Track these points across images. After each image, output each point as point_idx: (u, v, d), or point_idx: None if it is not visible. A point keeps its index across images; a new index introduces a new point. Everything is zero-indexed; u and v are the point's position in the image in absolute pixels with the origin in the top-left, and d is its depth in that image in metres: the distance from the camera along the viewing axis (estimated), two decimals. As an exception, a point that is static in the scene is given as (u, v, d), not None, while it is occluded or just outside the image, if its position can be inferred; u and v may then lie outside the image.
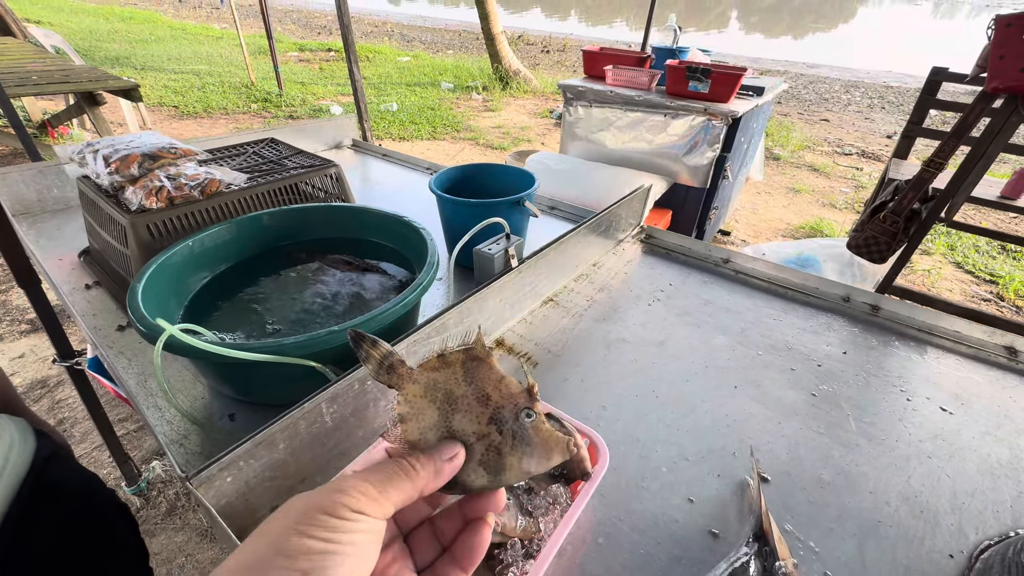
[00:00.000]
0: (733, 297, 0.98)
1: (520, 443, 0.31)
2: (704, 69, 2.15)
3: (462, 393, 0.32)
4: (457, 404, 0.32)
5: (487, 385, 0.32)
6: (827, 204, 4.04)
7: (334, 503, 0.24)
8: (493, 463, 0.31)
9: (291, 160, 1.08)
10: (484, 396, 0.32)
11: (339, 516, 0.24)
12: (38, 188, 1.19)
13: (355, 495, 0.25)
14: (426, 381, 0.32)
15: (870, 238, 1.60)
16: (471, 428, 0.31)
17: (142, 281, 0.66)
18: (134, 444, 1.72)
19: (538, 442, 0.31)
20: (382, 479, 0.27)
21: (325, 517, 0.24)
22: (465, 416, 0.32)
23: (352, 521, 0.24)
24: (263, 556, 0.23)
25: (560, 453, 0.31)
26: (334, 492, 0.25)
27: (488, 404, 0.32)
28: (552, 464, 0.31)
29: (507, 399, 0.32)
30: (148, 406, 0.68)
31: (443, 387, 0.32)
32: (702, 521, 0.57)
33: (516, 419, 0.31)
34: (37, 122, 4.00)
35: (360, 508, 0.25)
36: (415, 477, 0.28)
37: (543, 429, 0.32)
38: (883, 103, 7.65)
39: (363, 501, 0.25)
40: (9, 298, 2.35)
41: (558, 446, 0.32)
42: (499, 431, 0.31)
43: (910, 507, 0.59)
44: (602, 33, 13.80)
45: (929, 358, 0.83)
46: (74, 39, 7.77)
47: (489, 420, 0.31)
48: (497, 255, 0.84)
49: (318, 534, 0.23)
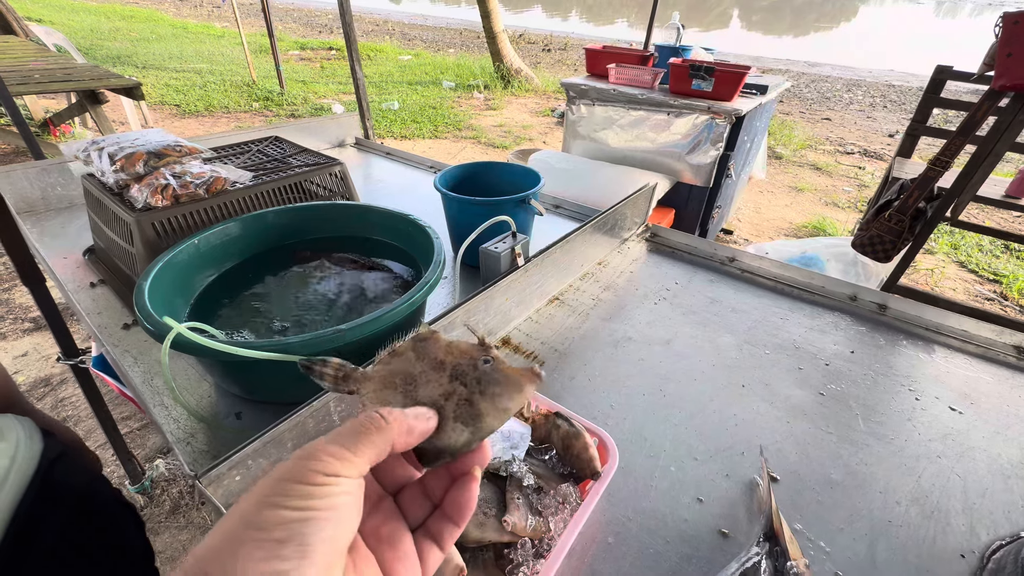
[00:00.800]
0: (739, 296, 0.98)
1: (487, 385, 0.31)
2: (708, 67, 2.15)
3: (419, 371, 0.33)
4: (416, 380, 0.32)
5: (438, 353, 0.33)
6: (830, 203, 4.03)
7: (304, 470, 0.23)
8: (467, 414, 0.30)
9: (295, 158, 1.08)
10: (438, 363, 0.33)
11: (311, 483, 0.23)
12: (42, 186, 1.18)
13: (325, 458, 0.24)
14: (382, 374, 0.33)
15: (875, 237, 1.59)
16: (436, 393, 0.32)
17: (148, 279, 0.66)
18: (137, 443, 1.72)
19: (503, 380, 0.31)
20: (351, 436, 0.26)
21: (296, 486, 0.23)
22: (427, 386, 0.32)
23: (327, 485, 0.23)
24: (234, 532, 0.22)
25: (529, 380, 0.31)
26: (302, 459, 0.24)
27: (444, 367, 0.32)
28: (526, 396, 0.31)
29: (461, 356, 0.33)
30: (154, 404, 0.68)
31: (399, 372, 0.33)
32: (712, 520, 0.57)
33: (475, 368, 0.32)
34: (39, 120, 4.00)
35: (334, 471, 0.24)
36: (385, 428, 0.27)
37: (504, 367, 0.32)
38: (885, 102, 7.63)
39: (334, 463, 0.24)
40: (12, 296, 2.35)
41: (524, 376, 0.32)
42: (463, 384, 0.31)
43: (920, 507, 0.59)
44: (603, 32, 13.77)
45: (937, 357, 0.83)
46: (76, 37, 7.77)
47: (450, 379, 0.32)
48: (504, 253, 0.84)
49: (291, 503, 0.22)
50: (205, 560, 0.21)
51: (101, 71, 3.24)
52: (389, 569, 0.27)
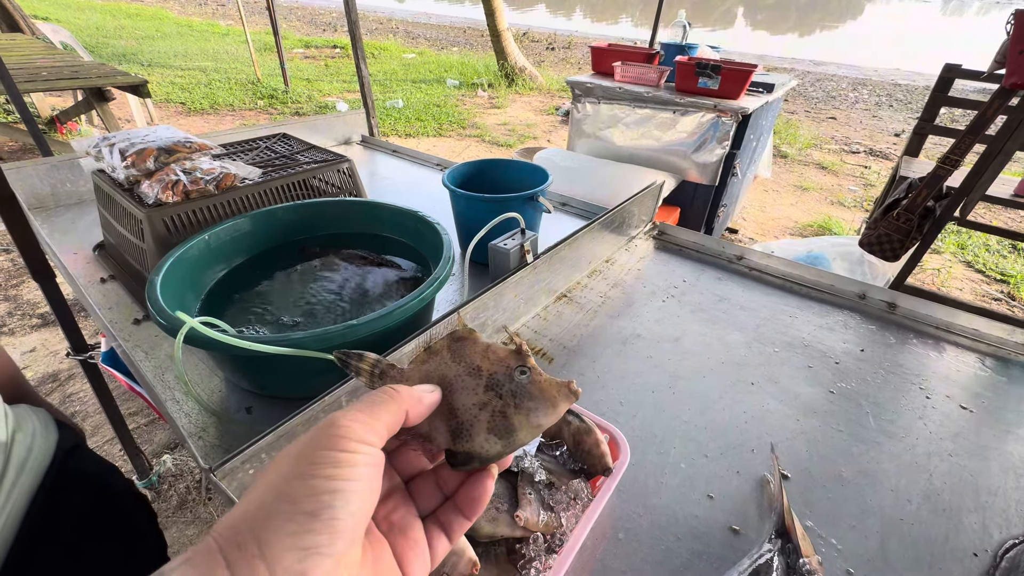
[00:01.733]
0: (748, 294, 0.97)
1: (523, 399, 0.31)
2: (714, 65, 2.14)
3: (454, 373, 0.33)
4: (452, 384, 0.32)
5: (475, 358, 0.33)
6: (835, 202, 4.02)
7: (332, 436, 0.24)
8: (502, 427, 0.31)
9: (303, 155, 1.08)
10: (475, 368, 0.32)
11: (341, 449, 0.23)
12: (52, 182, 1.19)
13: (349, 423, 0.24)
14: (418, 375, 0.33)
15: (883, 236, 1.58)
16: (471, 401, 0.32)
17: (160, 274, 0.66)
18: (145, 438, 1.73)
19: (539, 394, 0.31)
20: (368, 404, 0.26)
21: (326, 452, 0.23)
22: (462, 392, 0.32)
23: (354, 453, 0.23)
24: (266, 502, 0.22)
25: (565, 398, 0.32)
26: (327, 427, 0.24)
27: (480, 375, 0.32)
28: (560, 412, 0.31)
29: (497, 364, 0.33)
30: (167, 399, 0.68)
31: (435, 374, 0.33)
32: (722, 517, 0.57)
33: (511, 379, 0.32)
34: (46, 118, 4.02)
35: (359, 436, 0.24)
36: (398, 397, 0.28)
37: (541, 380, 0.32)
38: (891, 101, 7.59)
39: (358, 427, 0.24)
40: (20, 292, 2.37)
41: (560, 392, 0.32)
42: (498, 395, 0.31)
43: (932, 505, 0.59)
44: (607, 30, 13.73)
45: (947, 356, 0.83)
46: (82, 35, 7.80)
47: (486, 388, 0.32)
48: (513, 250, 0.84)
49: (322, 472, 0.22)
50: (237, 529, 0.21)
51: (107, 69, 3.25)
52: (400, 554, 0.28)
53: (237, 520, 0.22)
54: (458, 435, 0.31)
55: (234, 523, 0.22)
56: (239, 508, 0.22)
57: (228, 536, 0.21)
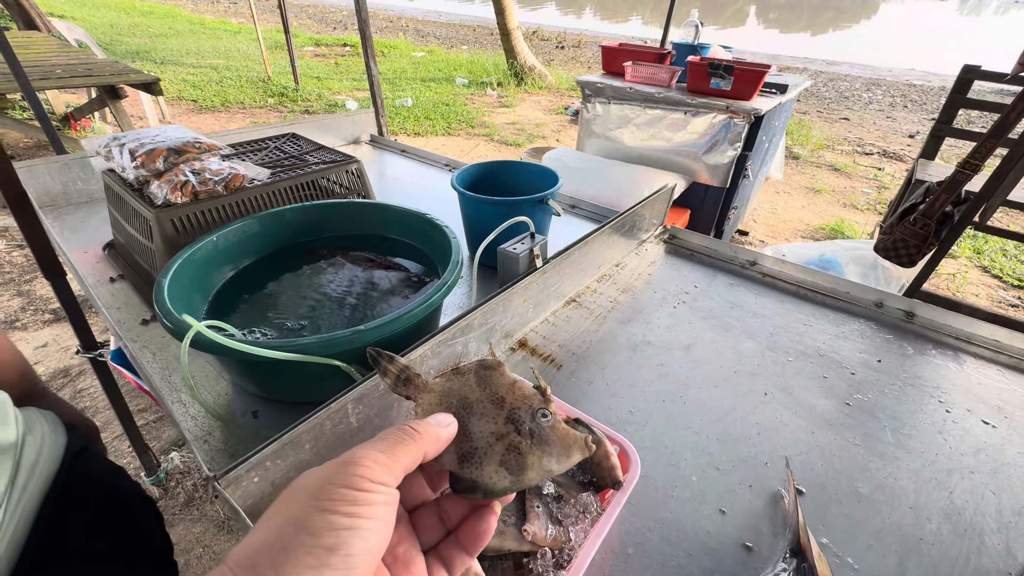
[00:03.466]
0: (760, 300, 0.96)
1: (539, 442, 0.31)
2: (727, 66, 2.11)
3: (476, 398, 0.33)
4: (472, 408, 0.32)
5: (500, 389, 0.33)
6: (848, 205, 3.96)
7: (351, 475, 0.24)
8: (514, 463, 0.30)
9: (312, 155, 1.08)
10: (498, 399, 0.33)
11: (360, 488, 0.24)
12: (63, 181, 1.20)
13: (369, 464, 0.25)
14: (440, 390, 0.33)
15: (899, 241, 1.55)
16: (488, 429, 0.32)
17: (168, 276, 0.66)
18: (152, 435, 1.74)
19: (556, 441, 0.32)
20: (390, 445, 0.27)
21: (345, 491, 0.23)
22: (481, 419, 0.32)
23: (372, 492, 0.24)
24: (286, 534, 0.22)
25: (580, 451, 0.32)
26: (348, 465, 0.25)
27: (503, 406, 0.32)
28: (572, 462, 0.32)
29: (521, 400, 0.33)
30: (172, 401, 0.68)
31: (457, 393, 0.33)
32: (735, 533, 0.55)
33: (533, 419, 0.32)
34: (60, 115, 4.07)
35: (377, 477, 0.25)
36: (418, 438, 0.28)
37: (560, 428, 0.32)
38: (905, 102, 7.48)
39: (377, 469, 0.25)
40: (33, 288, 2.40)
41: (576, 444, 0.32)
42: (517, 431, 0.31)
43: (953, 524, 0.57)
44: (617, 29, 13.66)
45: (968, 368, 0.80)
46: (96, 33, 7.89)
47: (506, 420, 0.32)
48: (522, 254, 0.83)
49: (342, 509, 0.23)
50: (255, 558, 0.22)
51: (121, 66, 3.28)
52: None
53: (254, 550, 0.22)
54: (467, 460, 0.30)
55: (251, 553, 0.22)
56: (256, 537, 0.23)
57: (246, 565, 0.21)
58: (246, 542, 0.23)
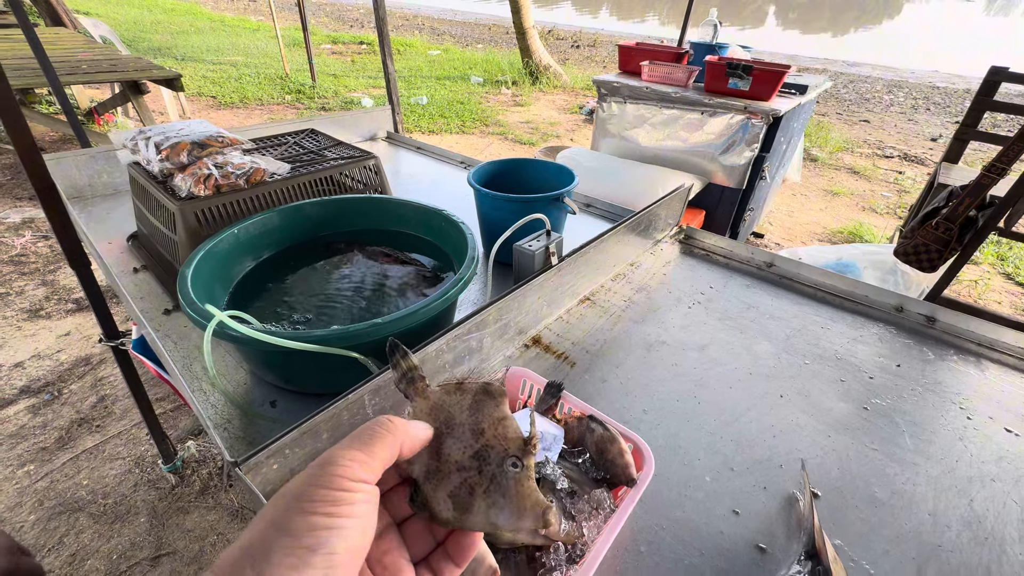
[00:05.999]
0: (777, 302, 0.95)
1: (495, 491, 0.29)
2: (745, 66, 2.09)
3: (461, 420, 0.32)
4: (453, 429, 0.32)
5: (485, 420, 0.32)
6: (867, 208, 3.89)
7: (330, 475, 0.24)
8: (462, 500, 0.29)
9: (331, 151, 1.09)
10: (479, 430, 0.31)
11: (338, 488, 0.24)
12: (89, 173, 1.23)
13: (347, 463, 0.25)
14: (436, 400, 0.33)
15: (920, 246, 1.52)
16: (455, 456, 0.31)
17: (191, 267, 0.67)
18: (170, 424, 1.77)
19: (514, 496, 0.29)
20: (364, 442, 0.27)
21: (325, 491, 0.24)
22: (455, 443, 0.31)
23: (352, 492, 0.24)
24: (268, 537, 0.22)
25: (533, 519, 0.29)
26: (326, 465, 0.25)
27: (479, 439, 0.31)
28: (522, 527, 0.29)
29: (499, 440, 0.31)
30: (193, 389, 0.69)
31: (447, 410, 0.33)
32: (748, 534, 0.55)
33: (500, 464, 0.30)
34: (85, 109, 4.16)
35: (356, 475, 0.25)
36: (394, 430, 0.28)
37: (526, 486, 0.29)
38: (928, 104, 7.32)
39: (355, 467, 0.25)
40: (57, 278, 2.46)
41: (533, 510, 0.29)
42: (479, 471, 0.30)
43: (973, 532, 0.56)
44: (634, 28, 13.57)
45: (990, 375, 0.79)
46: (120, 29, 8.05)
47: (474, 455, 0.31)
48: (538, 252, 0.83)
49: (321, 509, 0.23)
50: (237, 563, 0.22)
51: (144, 63, 3.34)
52: None
53: (237, 556, 0.22)
54: (430, 477, 0.30)
55: (234, 559, 0.22)
56: (238, 544, 0.23)
57: (228, 571, 0.22)
58: (230, 549, 0.23)
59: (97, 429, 1.74)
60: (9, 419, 1.74)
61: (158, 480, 1.58)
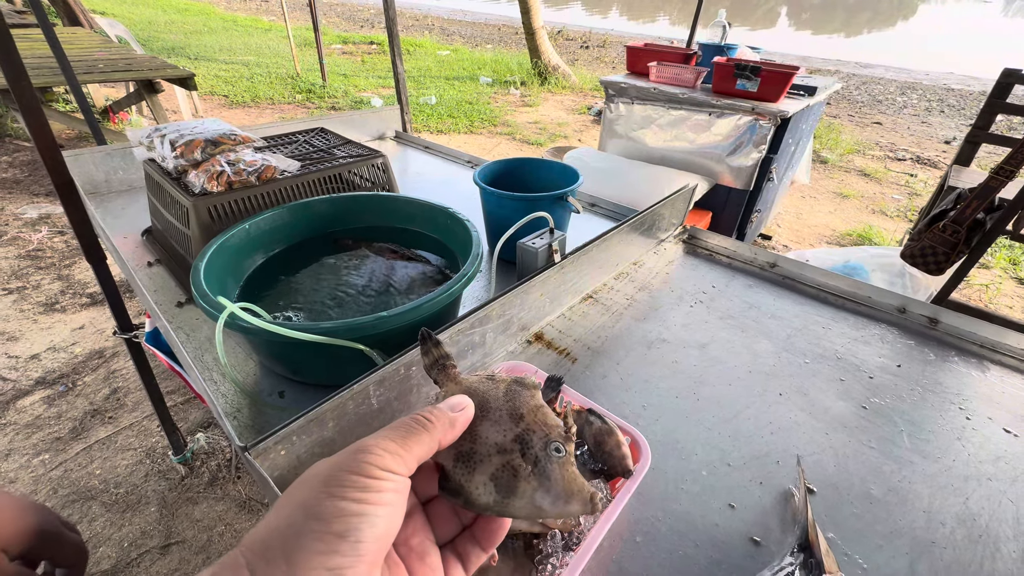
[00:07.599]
0: (779, 302, 0.95)
1: (540, 474, 0.29)
2: (754, 67, 2.09)
3: (497, 405, 0.32)
4: (489, 412, 0.31)
5: (523, 406, 0.32)
6: (877, 211, 3.86)
7: (361, 463, 0.24)
8: (505, 483, 0.28)
9: (340, 149, 1.11)
10: (518, 415, 0.31)
11: (368, 475, 0.24)
12: (106, 169, 1.26)
13: (380, 452, 0.25)
14: (468, 386, 0.33)
15: (927, 248, 1.52)
16: (495, 438, 0.30)
17: (204, 261, 0.70)
18: (180, 416, 1.81)
19: (559, 479, 0.29)
20: (402, 434, 0.27)
21: (355, 477, 0.24)
22: (493, 426, 0.31)
23: (381, 480, 0.24)
24: (295, 521, 0.22)
25: (581, 503, 0.29)
26: (358, 452, 0.25)
27: (519, 423, 0.31)
28: (569, 511, 0.29)
29: (540, 425, 0.31)
30: (205, 379, 0.71)
31: (481, 394, 0.32)
32: (743, 527, 0.56)
33: (544, 448, 0.30)
34: (100, 108, 4.24)
35: (387, 466, 0.25)
36: (432, 428, 0.28)
37: (570, 471, 0.29)
38: (942, 106, 7.23)
39: (388, 458, 0.25)
40: (72, 272, 2.51)
41: (580, 493, 0.29)
42: (522, 453, 0.29)
43: (967, 530, 0.56)
44: (643, 29, 13.53)
45: (991, 376, 0.79)
46: (135, 29, 8.18)
47: (515, 438, 0.30)
48: (541, 249, 0.84)
49: (350, 495, 0.23)
50: (267, 543, 0.22)
51: (159, 62, 3.40)
52: None
53: (266, 536, 0.22)
54: (462, 460, 0.30)
55: (263, 538, 0.22)
56: (268, 523, 0.23)
57: (257, 551, 0.22)
58: (258, 528, 0.23)
59: (110, 420, 1.78)
60: (25, 409, 1.79)
61: (168, 471, 1.62)
